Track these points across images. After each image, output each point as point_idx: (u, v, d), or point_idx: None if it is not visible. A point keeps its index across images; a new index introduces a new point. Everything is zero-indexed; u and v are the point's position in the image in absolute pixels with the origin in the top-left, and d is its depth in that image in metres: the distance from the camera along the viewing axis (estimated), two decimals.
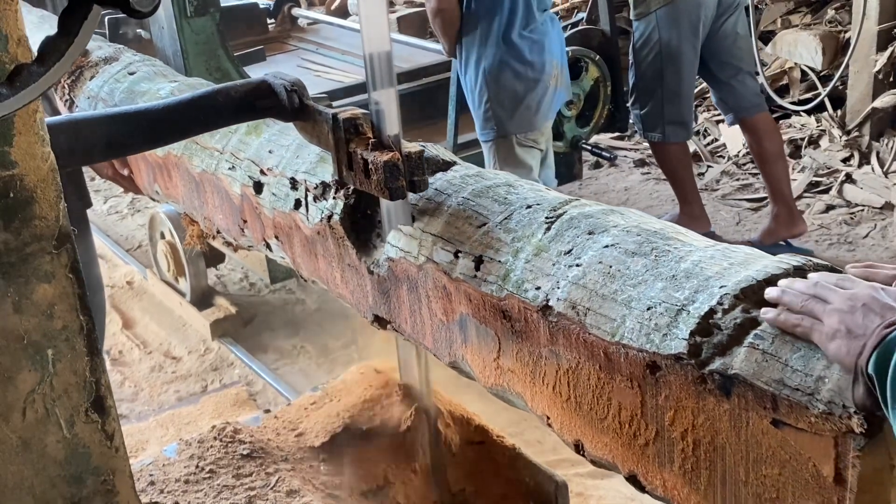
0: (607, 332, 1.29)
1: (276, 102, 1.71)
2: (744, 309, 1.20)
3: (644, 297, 1.28)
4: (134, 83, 2.30)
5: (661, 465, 1.27)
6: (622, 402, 1.29)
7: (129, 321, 4.33)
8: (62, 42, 0.97)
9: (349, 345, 4.01)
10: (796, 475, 1.12)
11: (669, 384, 1.22)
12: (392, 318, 1.67)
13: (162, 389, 3.84)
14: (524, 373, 1.42)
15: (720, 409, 1.18)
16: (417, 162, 1.58)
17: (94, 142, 1.65)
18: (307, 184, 1.74)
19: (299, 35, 5.37)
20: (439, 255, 1.52)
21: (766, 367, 1.13)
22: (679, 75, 4.21)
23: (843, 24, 5.45)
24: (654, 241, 1.35)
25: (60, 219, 1.22)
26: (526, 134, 3.57)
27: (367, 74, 1.61)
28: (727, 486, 1.21)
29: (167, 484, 2.21)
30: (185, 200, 2.18)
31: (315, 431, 2.38)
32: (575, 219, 1.43)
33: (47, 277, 1.22)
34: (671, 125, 4.28)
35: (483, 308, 1.45)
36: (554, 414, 1.40)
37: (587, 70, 4.34)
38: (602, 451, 1.35)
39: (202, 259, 4.09)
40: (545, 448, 3.16)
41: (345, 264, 1.69)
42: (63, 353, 1.25)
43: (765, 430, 1.14)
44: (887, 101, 5.03)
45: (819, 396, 1.08)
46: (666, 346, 1.22)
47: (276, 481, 2.21)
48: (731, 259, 1.29)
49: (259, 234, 1.91)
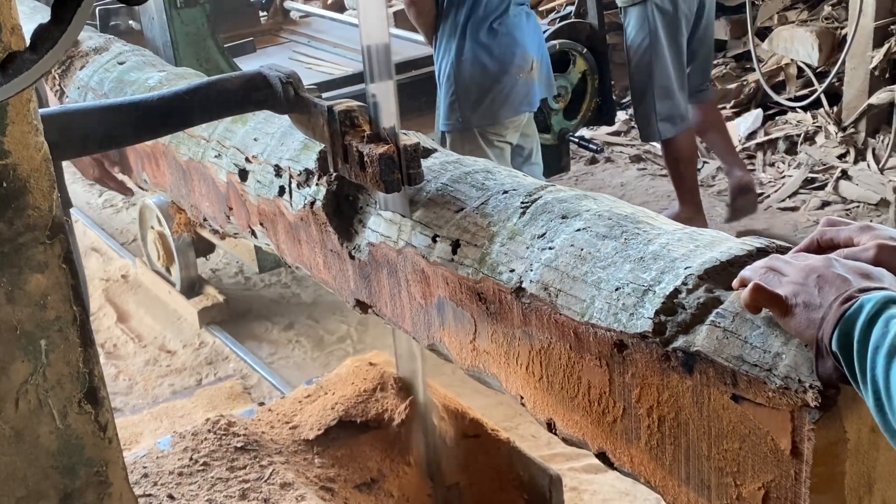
0: (577, 312, 1.33)
1: (272, 94, 1.72)
2: (707, 289, 1.24)
3: (613, 279, 1.32)
4: (123, 73, 2.35)
5: (628, 441, 1.32)
6: (591, 381, 1.33)
7: (123, 315, 4.37)
8: (55, 30, 0.97)
9: (344, 338, 4.06)
10: (755, 449, 1.16)
11: (636, 362, 1.27)
12: (373, 303, 1.71)
13: (156, 383, 3.88)
14: (499, 354, 1.47)
15: (683, 385, 1.22)
16: (413, 154, 1.58)
17: (87, 133, 1.65)
18: (291, 171, 1.78)
19: (291, 28, 5.40)
20: (418, 239, 1.56)
21: (726, 345, 1.18)
22: (667, 69, 4.28)
23: (839, 21, 5.48)
24: (625, 224, 1.40)
25: (54, 209, 1.22)
26: (487, 127, 3.60)
27: (364, 67, 1.61)
28: (690, 461, 1.25)
29: (161, 476, 2.23)
30: (172, 189, 2.22)
31: (309, 424, 2.40)
32: (549, 203, 1.48)
33: (40, 268, 1.23)
34: (662, 122, 4.34)
35: (459, 291, 1.49)
36: (527, 393, 1.45)
37: (575, 63, 4.40)
38: (573, 429, 1.39)
39: (192, 249, 4.14)
40: (540, 443, 3.20)
41: (327, 250, 1.73)
42: (56, 344, 1.25)
43: (725, 405, 1.18)
44: (883, 98, 5.06)
45: (776, 372, 1.12)
46: (632, 325, 1.27)
47: (269, 474, 2.23)
48: (697, 241, 1.33)
49: (244, 221, 1.95)
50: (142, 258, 4.53)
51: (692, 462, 1.25)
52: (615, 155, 5.60)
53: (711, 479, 1.23)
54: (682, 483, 1.27)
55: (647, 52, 4.22)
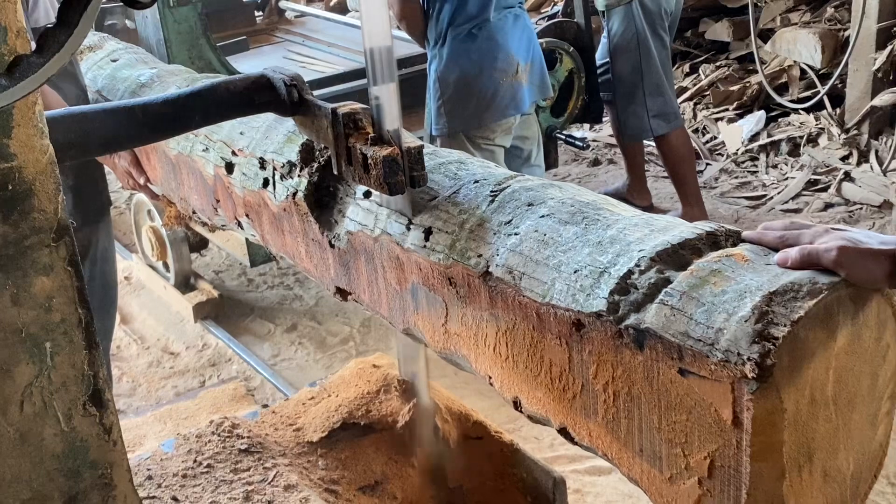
0: (539, 294, 1.41)
1: (276, 97, 1.73)
2: (658, 270, 1.32)
3: (572, 262, 1.40)
4: (116, 70, 2.44)
5: (586, 416, 1.39)
6: (553, 359, 1.42)
7: (126, 317, 4.45)
8: (61, 33, 0.98)
9: (347, 340, 4.12)
10: (701, 420, 1.24)
11: (592, 340, 1.35)
12: (352, 289, 1.80)
13: (160, 385, 3.94)
14: (468, 336, 1.55)
15: (635, 361, 1.30)
16: (417, 157, 1.59)
17: (91, 135, 1.66)
18: (275, 163, 1.86)
19: (286, 27, 5.49)
20: (393, 227, 1.65)
21: (673, 321, 1.26)
22: (655, 67, 4.36)
23: (842, 23, 5.54)
24: (586, 211, 1.48)
25: (59, 212, 1.22)
26: (475, 131, 3.68)
27: (367, 69, 1.62)
28: (643, 433, 1.33)
29: (165, 478, 2.23)
30: (163, 182, 2.31)
31: (313, 426, 2.40)
32: (516, 192, 1.56)
33: (45, 270, 1.23)
34: (655, 118, 4.43)
35: (432, 276, 1.58)
36: (495, 373, 1.53)
37: (561, 61, 4.52)
38: (537, 406, 1.48)
39: (186, 244, 4.26)
40: (542, 444, 3.26)
41: (309, 239, 1.82)
42: (61, 346, 1.25)
43: (673, 379, 1.26)
44: (886, 100, 5.11)
45: (718, 346, 1.20)
46: (589, 304, 1.35)
47: (273, 476, 2.23)
48: (652, 226, 1.41)
49: (231, 213, 2.04)
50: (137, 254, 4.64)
51: (645, 434, 1.32)
52: (617, 157, 5.67)
53: (662, 449, 1.30)
54: (636, 455, 1.35)
55: (636, 51, 4.32)
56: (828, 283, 1.22)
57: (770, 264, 1.28)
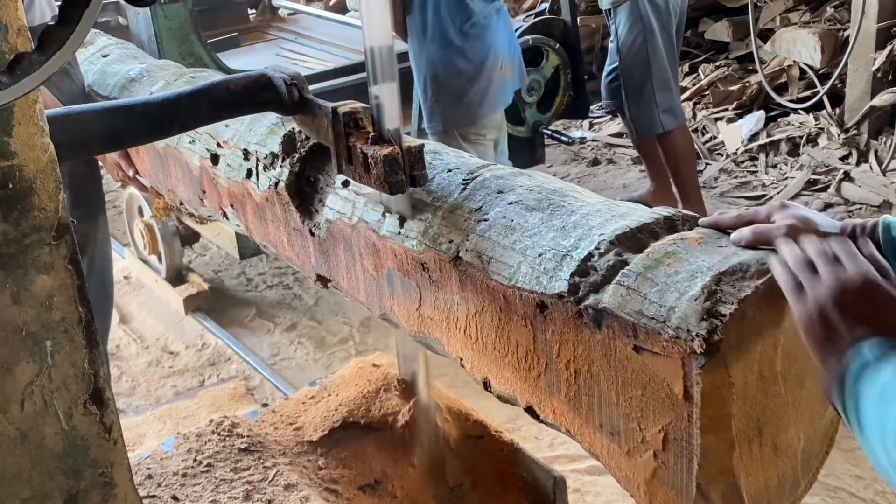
0: (506, 277, 1.49)
1: (276, 96, 1.74)
2: (616, 252, 1.39)
3: (537, 246, 1.48)
4: (106, 65, 2.52)
5: (550, 394, 1.47)
6: (519, 340, 1.49)
7: (126, 316, 4.51)
8: (63, 31, 1.00)
9: (346, 340, 4.16)
10: (655, 395, 1.31)
11: (554, 320, 1.42)
12: (332, 276, 1.87)
13: (159, 384, 3.98)
14: (441, 319, 1.63)
15: (594, 339, 1.37)
16: (418, 156, 1.60)
17: (91, 135, 1.67)
18: (258, 154, 1.94)
19: (279, 25, 5.57)
20: (369, 214, 1.72)
21: (629, 300, 1.33)
22: (663, 62, 4.43)
23: (842, 23, 5.59)
24: (552, 198, 1.55)
25: (60, 210, 1.23)
26: (468, 128, 3.77)
27: (367, 68, 1.63)
28: (603, 409, 1.40)
29: (165, 477, 2.26)
30: (151, 174, 2.39)
31: (313, 426, 2.42)
32: (487, 180, 1.64)
33: (46, 269, 1.23)
34: (664, 113, 4.49)
35: (406, 262, 1.65)
36: (466, 355, 1.61)
37: (548, 58, 4.61)
38: (505, 386, 1.55)
39: (177, 238, 4.34)
40: (542, 444, 3.30)
41: (290, 228, 1.90)
42: (62, 345, 1.26)
43: (629, 356, 1.33)
44: (886, 100, 5.15)
45: (669, 323, 1.27)
46: (551, 286, 1.42)
47: (273, 475, 2.25)
48: (614, 212, 1.48)
49: (216, 204, 2.12)
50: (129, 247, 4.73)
51: (604, 410, 1.39)
52: (617, 156, 5.74)
53: (620, 424, 1.37)
54: (597, 430, 1.42)
55: (643, 47, 4.37)
56: None
57: (722, 247, 1.36)
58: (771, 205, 1.40)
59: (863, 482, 2.98)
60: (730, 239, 1.36)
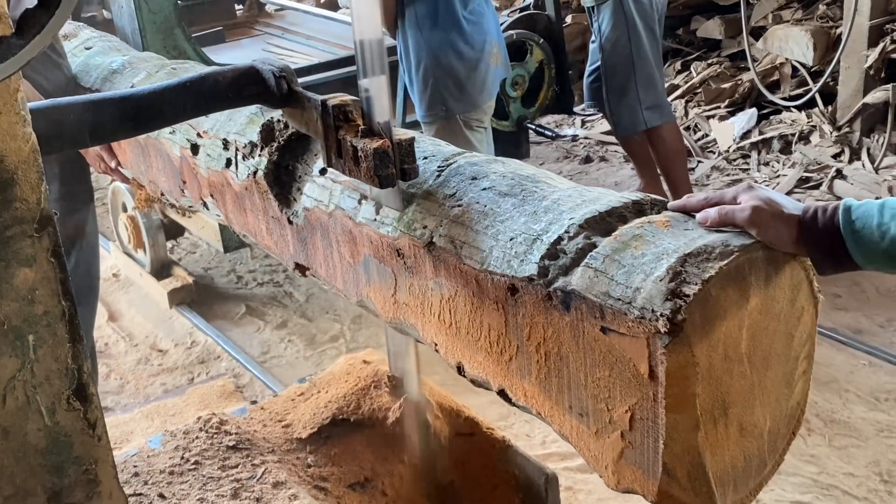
0: (478, 261, 1.52)
1: (264, 89, 1.74)
2: (586, 236, 1.42)
3: (509, 230, 1.51)
4: (89, 57, 2.56)
5: (522, 377, 1.50)
6: (491, 324, 1.52)
7: (114, 314, 4.53)
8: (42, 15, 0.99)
9: (337, 337, 4.17)
10: (621, 375, 1.34)
11: (525, 303, 1.45)
12: (310, 264, 1.90)
13: (148, 382, 3.99)
14: (416, 304, 1.66)
15: (563, 321, 1.40)
16: (408, 149, 1.60)
17: (78, 127, 1.66)
18: (237, 143, 1.97)
19: (266, 20, 5.63)
20: (346, 201, 1.75)
21: (596, 283, 1.36)
22: (648, 59, 4.46)
23: (834, 20, 5.61)
24: (525, 183, 1.58)
25: (42, 201, 1.21)
26: (471, 114, 3.82)
27: (357, 61, 1.63)
28: (572, 391, 1.43)
29: (151, 475, 2.24)
30: (133, 165, 2.42)
31: (302, 423, 2.42)
32: (462, 167, 1.67)
33: (28, 261, 1.21)
34: (648, 110, 4.52)
35: (382, 248, 1.68)
36: (440, 340, 1.64)
37: (532, 53, 4.68)
38: (478, 370, 1.58)
39: (161, 231, 4.38)
40: (534, 442, 3.32)
41: (269, 216, 1.93)
42: (44, 339, 1.24)
43: (596, 337, 1.36)
44: (878, 97, 5.18)
45: (635, 304, 1.30)
46: (522, 270, 1.45)
47: (262, 473, 2.23)
48: (584, 197, 1.51)
49: (197, 194, 2.15)
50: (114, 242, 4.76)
51: (573, 391, 1.42)
52: (609, 154, 5.78)
53: (589, 405, 1.40)
54: (566, 412, 1.45)
55: (627, 45, 4.41)
56: (739, 246, 1.32)
57: (689, 230, 1.39)
58: (738, 187, 1.43)
59: (856, 480, 3.01)
60: (696, 219, 1.40)
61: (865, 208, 1.34)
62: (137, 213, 4.28)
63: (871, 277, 4.20)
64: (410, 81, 3.85)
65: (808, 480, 3.00)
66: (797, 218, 1.36)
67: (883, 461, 3.07)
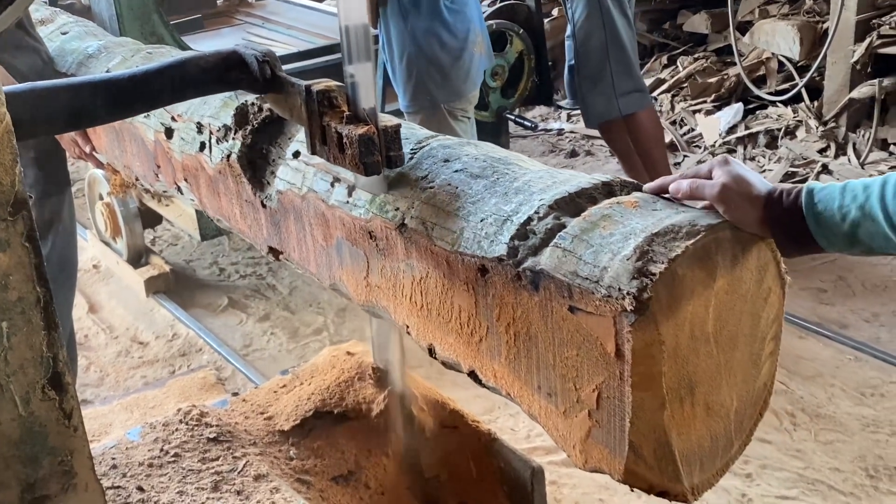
0: (449, 242, 1.54)
1: (247, 74, 1.73)
2: (555, 216, 1.45)
3: (480, 212, 1.53)
4: (65, 42, 2.57)
5: (492, 357, 1.52)
6: (461, 305, 1.54)
7: (94, 305, 4.49)
8: None
9: (320, 330, 4.15)
10: (589, 354, 1.36)
11: (495, 284, 1.47)
12: (283, 248, 1.92)
13: (128, 374, 3.95)
14: (388, 287, 1.68)
15: (532, 301, 1.42)
16: (394, 136, 1.59)
17: (56, 112, 1.65)
18: (211, 127, 1.98)
19: (246, 10, 5.62)
20: (318, 184, 1.77)
21: (565, 262, 1.38)
22: (623, 46, 4.48)
23: (821, 15, 5.63)
24: (496, 165, 1.61)
25: (16, 184, 1.17)
26: (455, 103, 3.85)
27: (342, 47, 1.62)
28: (540, 371, 1.45)
29: (130, 467, 2.22)
30: (107, 150, 2.43)
31: (285, 415, 2.41)
32: (434, 149, 1.69)
33: (2, 246, 1.19)
34: (623, 97, 4.54)
35: (354, 231, 1.70)
36: (412, 322, 1.66)
37: (511, 43, 4.71)
38: (449, 352, 1.60)
39: (139, 219, 4.37)
40: (518, 436, 3.29)
41: (242, 200, 1.94)
42: (18, 327, 1.22)
43: (564, 316, 1.38)
44: (864, 92, 5.19)
45: (602, 283, 1.32)
46: (492, 250, 1.47)
47: (243, 465, 2.23)
48: (555, 179, 1.54)
49: (171, 178, 2.16)
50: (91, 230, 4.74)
51: (542, 371, 1.45)
52: (595, 148, 5.80)
53: (557, 385, 1.43)
54: (535, 392, 1.47)
55: (601, 31, 4.42)
56: (706, 226, 1.35)
57: (657, 210, 1.41)
58: (713, 160, 1.46)
59: (842, 475, 3.02)
60: (669, 189, 1.43)
61: (828, 191, 1.36)
62: (114, 200, 4.26)
63: (857, 272, 4.23)
64: (393, 71, 3.86)
65: (794, 475, 3.02)
66: (763, 199, 1.39)
67: (869, 456, 3.09)
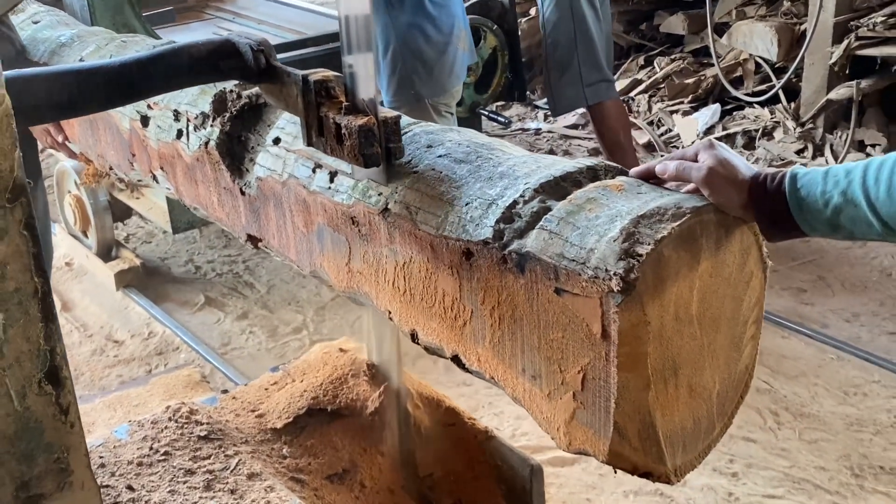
0: (433, 226, 1.55)
1: (241, 63, 1.70)
2: (541, 200, 1.46)
3: (465, 196, 1.54)
4: (37, 31, 2.56)
5: (476, 341, 1.53)
6: (445, 289, 1.55)
7: (67, 303, 4.45)
8: None
9: (300, 329, 4.15)
10: (575, 335, 1.38)
11: (480, 267, 1.49)
12: (262, 235, 1.93)
13: (104, 373, 3.93)
14: (370, 273, 1.69)
15: (517, 284, 1.44)
16: (394, 127, 1.57)
17: (42, 100, 1.61)
18: (188, 114, 1.98)
19: (217, 4, 5.60)
20: (300, 170, 1.78)
21: (551, 244, 1.40)
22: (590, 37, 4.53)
23: (798, 16, 5.68)
24: (480, 151, 1.62)
25: (15, 169, 1.15)
26: (439, 98, 3.88)
27: (342, 37, 1.60)
28: (525, 354, 1.46)
29: (119, 466, 2.20)
30: (80, 140, 2.42)
31: (277, 412, 2.39)
32: (417, 135, 1.70)
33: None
34: (590, 87, 4.58)
35: (336, 217, 1.71)
36: (394, 307, 1.67)
37: (485, 39, 4.77)
38: (432, 337, 1.61)
39: (109, 212, 4.35)
40: (503, 435, 3.22)
41: (221, 188, 1.95)
42: (15, 318, 1.19)
43: (550, 298, 1.40)
44: (842, 94, 5.25)
45: (589, 264, 1.34)
46: (477, 234, 1.48)
47: (236, 464, 2.21)
48: (539, 163, 1.55)
49: (146, 167, 2.16)
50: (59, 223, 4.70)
51: (526, 354, 1.46)
52: (573, 148, 5.83)
53: (542, 368, 1.44)
54: (520, 375, 1.49)
55: (570, 22, 4.47)
56: (691, 208, 1.37)
57: (642, 193, 1.43)
58: (699, 143, 1.48)
59: (827, 473, 3.05)
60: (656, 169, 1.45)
61: (811, 176, 1.39)
62: (83, 193, 4.23)
63: (836, 272, 4.28)
64: (377, 65, 3.87)
65: (780, 474, 3.05)
66: (748, 183, 1.41)
67: (853, 455, 3.12)
